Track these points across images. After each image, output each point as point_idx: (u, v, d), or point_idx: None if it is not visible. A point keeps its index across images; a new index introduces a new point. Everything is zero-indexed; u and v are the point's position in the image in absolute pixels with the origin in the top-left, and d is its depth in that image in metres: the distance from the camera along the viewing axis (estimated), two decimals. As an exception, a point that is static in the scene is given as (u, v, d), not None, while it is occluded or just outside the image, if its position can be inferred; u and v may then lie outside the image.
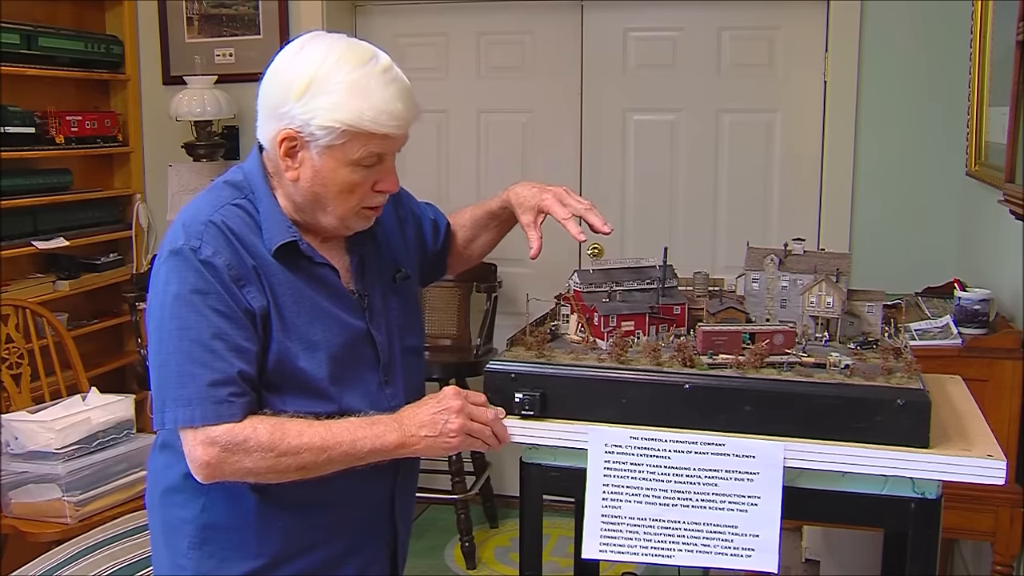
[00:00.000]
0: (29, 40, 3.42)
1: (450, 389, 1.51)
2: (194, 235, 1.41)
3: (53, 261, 3.67)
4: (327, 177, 1.44)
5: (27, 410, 2.75)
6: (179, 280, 1.40)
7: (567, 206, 1.65)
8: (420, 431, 1.46)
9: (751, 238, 1.96)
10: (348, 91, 1.39)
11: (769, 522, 1.43)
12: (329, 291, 1.51)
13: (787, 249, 1.76)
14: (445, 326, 3.80)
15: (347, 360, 1.51)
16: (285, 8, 3.86)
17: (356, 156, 1.42)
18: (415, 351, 1.67)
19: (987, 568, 2.41)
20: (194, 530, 1.50)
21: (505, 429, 1.52)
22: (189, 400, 1.37)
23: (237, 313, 1.40)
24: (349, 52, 1.42)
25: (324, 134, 1.40)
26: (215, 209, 1.45)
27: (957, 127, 3.14)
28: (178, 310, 1.39)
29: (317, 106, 1.39)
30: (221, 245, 1.42)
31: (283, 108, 1.41)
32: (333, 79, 1.39)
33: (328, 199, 1.46)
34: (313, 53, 1.42)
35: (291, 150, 1.43)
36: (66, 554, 2.39)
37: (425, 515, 3.93)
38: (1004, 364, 2.25)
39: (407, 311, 1.66)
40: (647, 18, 3.72)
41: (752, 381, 1.47)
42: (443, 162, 3.97)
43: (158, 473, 1.57)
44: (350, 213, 1.49)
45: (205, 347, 1.38)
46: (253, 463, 1.39)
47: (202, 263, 1.40)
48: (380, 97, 1.40)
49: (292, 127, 1.41)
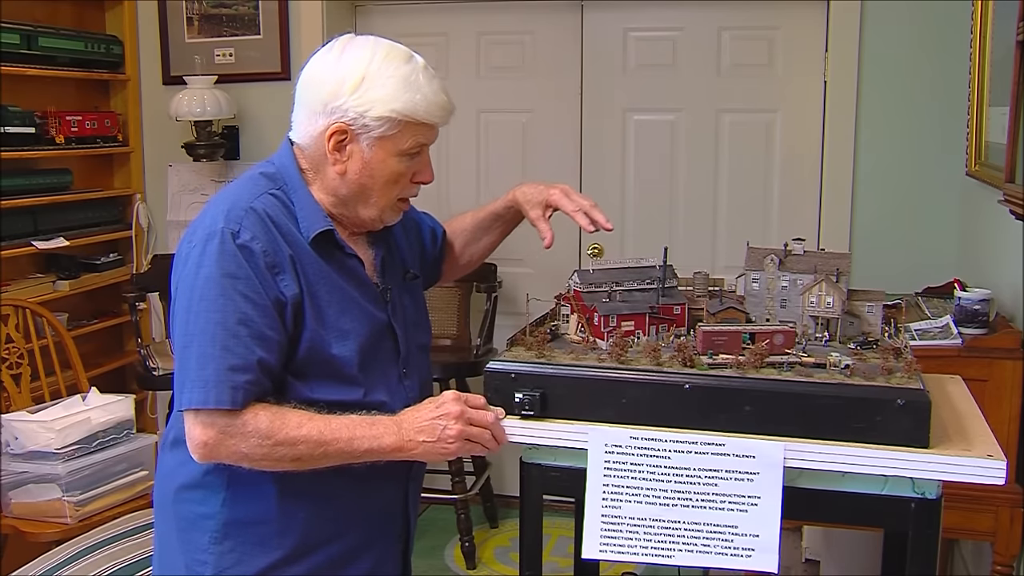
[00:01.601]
0: (29, 40, 3.42)
1: (449, 394, 1.51)
2: (234, 219, 1.44)
3: (53, 261, 3.67)
4: (375, 168, 1.51)
5: (27, 410, 2.75)
6: (212, 263, 1.42)
7: (573, 200, 1.72)
8: (418, 436, 1.47)
9: (751, 238, 1.96)
10: (401, 84, 1.48)
11: (769, 522, 1.43)
12: (357, 282, 1.56)
13: (787, 249, 1.76)
14: (445, 326, 3.80)
15: (372, 351, 1.54)
16: (285, 8, 3.86)
17: (406, 146, 1.50)
18: (424, 349, 1.72)
19: (987, 568, 2.41)
20: (216, 525, 1.50)
21: (503, 431, 1.52)
22: (206, 382, 1.39)
23: (266, 301, 1.43)
24: (393, 51, 1.51)
25: (378, 124, 1.47)
26: (255, 197, 1.49)
27: (957, 127, 3.14)
28: (208, 292, 1.41)
29: (373, 97, 1.47)
30: (260, 231, 1.45)
31: (335, 103, 1.48)
32: (385, 73, 1.48)
33: (374, 190, 1.53)
34: (360, 52, 1.50)
35: (340, 143, 1.50)
36: (66, 554, 2.39)
37: (425, 515, 3.93)
38: (1004, 364, 2.25)
39: (418, 309, 1.72)
40: (647, 18, 3.72)
41: (752, 381, 1.47)
42: (443, 162, 3.96)
43: (172, 470, 1.56)
44: (389, 204, 1.56)
45: (230, 331, 1.40)
46: (249, 448, 1.41)
47: (239, 247, 1.43)
48: (429, 89, 1.50)
49: (344, 120, 1.48)
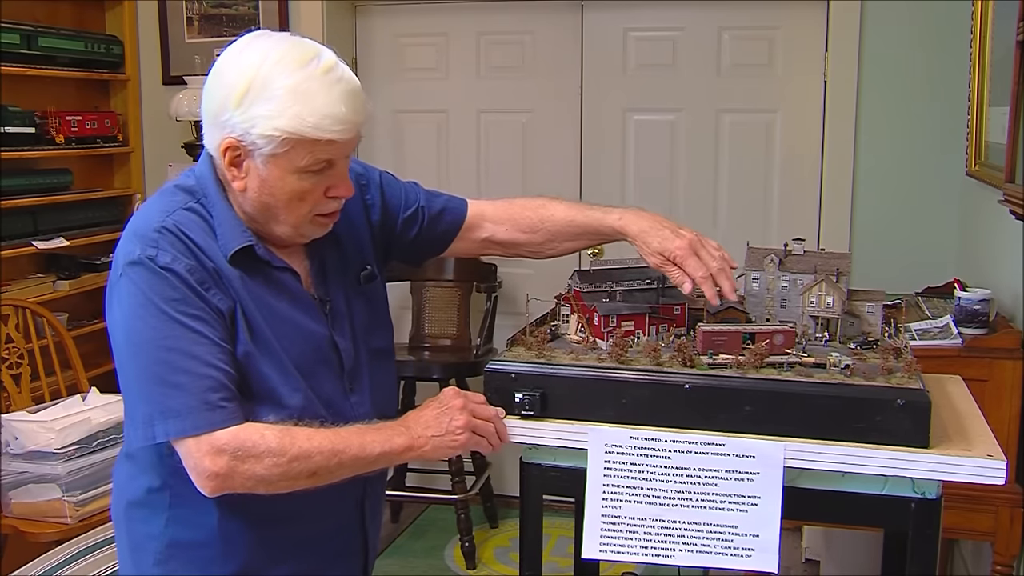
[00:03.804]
0: (29, 40, 3.42)
1: (450, 390, 1.51)
2: (149, 243, 1.35)
3: (53, 261, 3.66)
4: (274, 186, 1.38)
5: (27, 410, 2.75)
6: (143, 291, 1.33)
7: (702, 260, 1.55)
8: (427, 431, 1.45)
9: (751, 238, 1.96)
10: (288, 96, 1.32)
11: (769, 522, 1.43)
12: (291, 296, 1.45)
13: (787, 249, 1.76)
14: (445, 326, 3.80)
15: (309, 367, 1.44)
16: (285, 8, 3.86)
17: (303, 164, 1.36)
18: (384, 353, 1.61)
19: (987, 568, 2.41)
20: (159, 546, 1.44)
21: (505, 428, 1.52)
22: (179, 411, 1.31)
23: (211, 314, 1.35)
24: (290, 53, 1.35)
25: (265, 143, 1.34)
26: (167, 215, 1.38)
27: (957, 127, 3.14)
28: (149, 320, 1.32)
29: (256, 114, 1.32)
30: (179, 250, 1.35)
31: (223, 116, 1.35)
32: (272, 84, 1.32)
33: (278, 208, 1.40)
34: (252, 56, 1.35)
35: (236, 159, 1.37)
36: (66, 554, 2.39)
37: (425, 515, 3.93)
38: (1004, 364, 2.25)
39: (373, 311, 1.59)
40: (647, 18, 3.72)
41: (752, 381, 1.47)
42: (443, 162, 3.97)
43: (122, 485, 1.51)
44: (303, 221, 1.43)
45: (186, 354, 1.32)
46: (265, 470, 1.33)
47: (163, 269, 1.33)
48: (323, 101, 1.33)
49: (234, 136, 1.35)
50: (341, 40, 3.88)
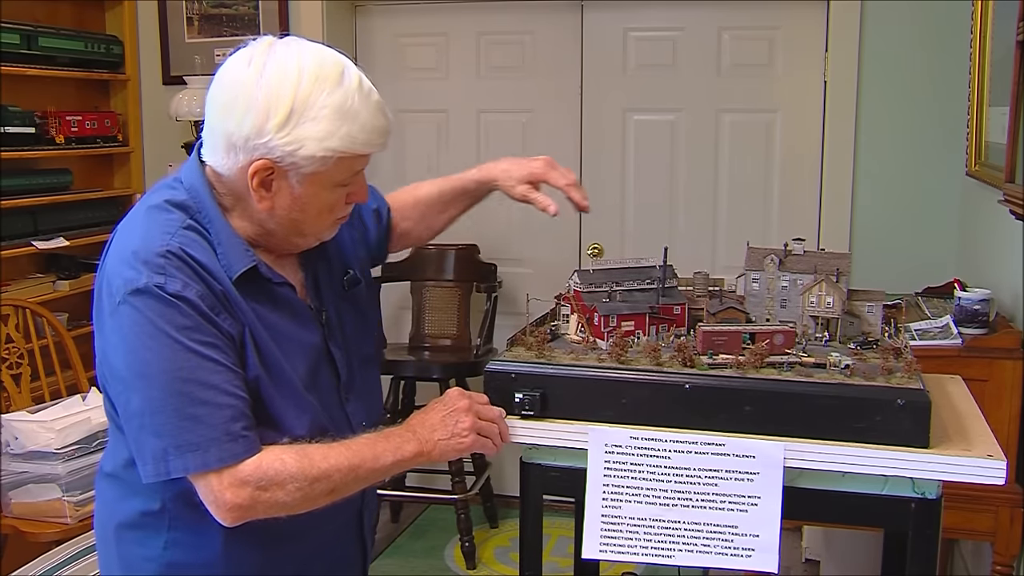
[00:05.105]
0: (29, 40, 3.42)
1: (454, 391, 1.50)
2: (155, 269, 1.28)
3: (53, 261, 3.67)
4: (308, 203, 1.36)
5: (27, 410, 2.75)
6: (151, 319, 1.26)
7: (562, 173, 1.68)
8: (434, 435, 1.44)
9: (751, 238, 1.96)
10: (336, 116, 1.30)
11: (769, 522, 1.43)
12: (291, 311, 1.43)
13: (787, 249, 1.75)
14: (445, 326, 3.80)
15: (312, 382, 1.43)
16: (285, 8, 3.86)
17: (341, 178, 1.36)
18: (369, 360, 1.59)
19: (987, 568, 2.41)
20: (158, 568, 1.40)
21: (508, 428, 1.52)
22: (198, 444, 1.26)
23: (223, 340, 1.30)
24: (321, 69, 1.31)
25: (309, 163, 1.31)
26: (169, 236, 1.31)
27: (957, 127, 3.15)
28: (161, 351, 1.26)
29: (304, 135, 1.29)
30: (187, 276, 1.29)
31: (258, 140, 1.29)
32: (315, 104, 1.29)
33: (306, 222, 1.39)
34: (284, 73, 1.30)
35: (266, 180, 1.33)
36: (66, 554, 2.39)
37: (425, 515, 3.93)
38: (1004, 364, 2.25)
39: (359, 317, 1.57)
40: (647, 18, 3.72)
41: (752, 381, 1.47)
42: (443, 162, 3.96)
43: (110, 506, 1.46)
44: (325, 228, 1.43)
45: (203, 384, 1.27)
46: (288, 496, 1.30)
47: (174, 297, 1.27)
48: (366, 116, 1.33)
49: (271, 157, 1.30)
50: (341, 40, 3.87)
